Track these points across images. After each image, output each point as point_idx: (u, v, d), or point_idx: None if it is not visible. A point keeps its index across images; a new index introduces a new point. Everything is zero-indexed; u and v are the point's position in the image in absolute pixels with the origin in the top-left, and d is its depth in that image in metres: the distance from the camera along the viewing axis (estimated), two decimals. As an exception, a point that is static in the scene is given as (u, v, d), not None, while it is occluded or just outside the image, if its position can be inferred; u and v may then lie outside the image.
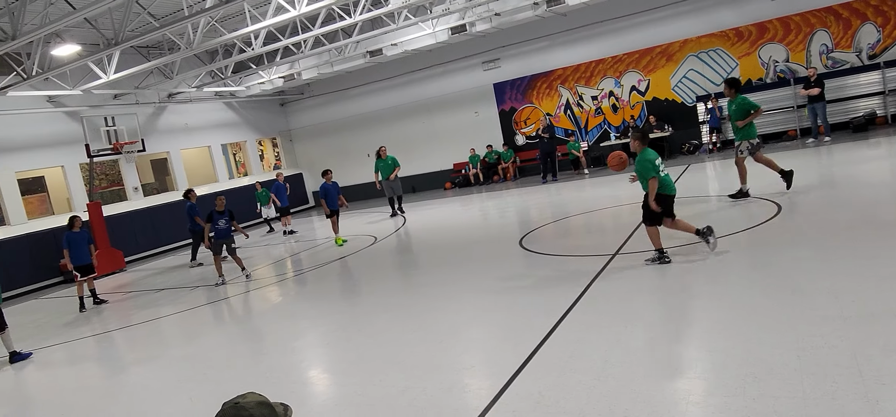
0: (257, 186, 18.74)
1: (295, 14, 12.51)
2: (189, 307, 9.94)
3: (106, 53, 13.17)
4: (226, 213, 11.19)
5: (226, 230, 11.21)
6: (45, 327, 10.46)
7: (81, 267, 11.09)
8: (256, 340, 7.59)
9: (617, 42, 18.39)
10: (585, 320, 5.69)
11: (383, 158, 16.34)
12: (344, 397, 5.10)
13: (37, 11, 11.88)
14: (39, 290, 15.12)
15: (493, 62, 20.30)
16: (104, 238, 15.95)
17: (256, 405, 1.76)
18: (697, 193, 11.80)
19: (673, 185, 7.22)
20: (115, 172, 19.99)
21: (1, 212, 15.92)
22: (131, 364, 7.45)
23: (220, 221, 11.14)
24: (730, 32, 16.89)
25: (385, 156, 16.36)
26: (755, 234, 7.72)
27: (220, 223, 11.13)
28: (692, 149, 17.52)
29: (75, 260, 11.03)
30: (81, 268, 11.09)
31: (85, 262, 11.14)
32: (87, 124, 16.53)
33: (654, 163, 6.97)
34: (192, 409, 5.42)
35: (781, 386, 3.78)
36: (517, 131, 20.54)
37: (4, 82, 14.33)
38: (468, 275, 8.62)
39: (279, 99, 24.37)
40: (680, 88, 17.88)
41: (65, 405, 6.21)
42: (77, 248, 11.06)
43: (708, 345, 4.67)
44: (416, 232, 13.36)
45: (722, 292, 5.72)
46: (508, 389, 4.51)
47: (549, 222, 11.53)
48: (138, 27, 13.58)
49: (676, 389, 4.11)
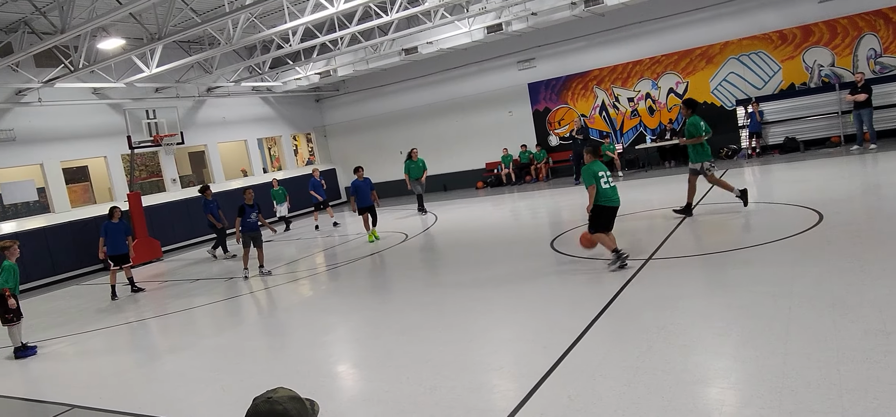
0: (274, 183, 18.56)
1: (332, 11, 12.64)
2: (221, 298, 10.14)
3: (149, 48, 13.52)
4: (255, 207, 11.25)
5: (255, 223, 11.28)
6: (86, 312, 10.78)
7: (116, 257, 11.39)
8: (286, 333, 7.69)
9: (655, 43, 18.10)
10: (617, 325, 5.61)
11: (415, 160, 16.60)
12: (372, 393, 5.13)
13: (84, 6, 12.24)
14: (81, 276, 15.60)
15: (529, 62, 20.18)
16: (143, 227, 16.36)
17: (288, 399, 1.79)
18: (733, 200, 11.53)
19: (617, 199, 7.60)
20: (154, 163, 20.51)
21: (47, 200, 16.48)
22: (166, 352, 7.63)
23: (252, 215, 11.21)
24: (773, 35, 16.46)
25: (416, 159, 16.64)
26: (795, 243, 7.50)
27: (251, 216, 11.20)
28: (730, 153, 17.13)
29: (111, 250, 11.34)
30: (116, 258, 11.39)
31: (120, 252, 11.44)
32: (129, 116, 16.99)
33: (596, 174, 7.48)
34: (223, 398, 5.52)
35: (819, 401, 3.67)
36: (551, 132, 20.39)
37: (52, 74, 14.84)
38: (498, 276, 8.59)
39: (314, 95, 24.65)
40: (719, 91, 17.50)
41: (101, 389, 6.39)
42: (114, 238, 11.36)
43: (743, 355, 4.56)
44: (446, 231, 13.36)
45: (758, 302, 5.57)
46: (537, 392, 4.48)
47: (580, 224, 11.39)
48: (180, 22, 13.89)
49: (709, 398, 4.02)
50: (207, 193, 14.82)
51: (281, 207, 18.32)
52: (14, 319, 8.04)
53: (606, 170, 7.63)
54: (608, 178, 7.58)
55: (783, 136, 16.39)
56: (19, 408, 6.30)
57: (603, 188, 7.49)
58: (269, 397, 1.79)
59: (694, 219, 9.93)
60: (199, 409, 5.33)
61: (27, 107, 15.73)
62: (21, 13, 13.58)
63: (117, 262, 11.43)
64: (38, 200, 16.66)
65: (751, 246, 7.61)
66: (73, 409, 5.83)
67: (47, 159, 16.13)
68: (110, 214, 11.51)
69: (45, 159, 16.10)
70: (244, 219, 11.18)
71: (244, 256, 11.40)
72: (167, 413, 5.34)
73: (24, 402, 6.41)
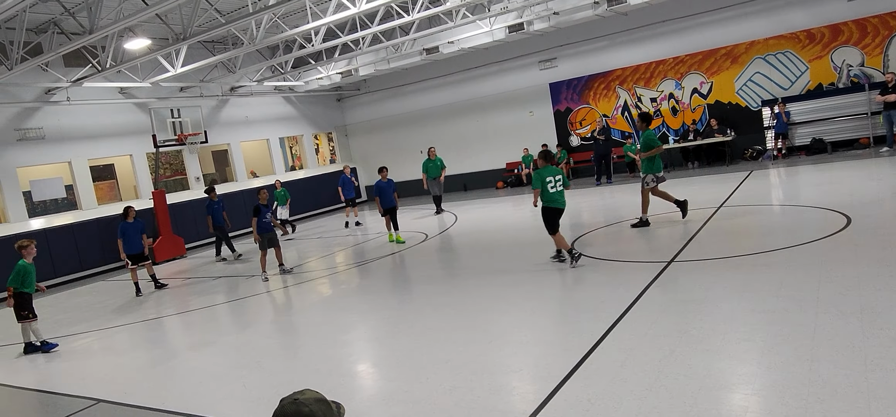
0: (277, 184, 18.10)
1: (354, 11, 12.70)
2: (243, 295, 10.25)
3: (174, 48, 13.72)
4: (270, 207, 11.24)
5: (270, 223, 11.23)
6: (111, 308, 10.97)
7: (133, 256, 11.61)
8: (307, 331, 7.74)
9: (679, 43, 17.88)
10: (638, 329, 5.55)
11: (433, 159, 16.59)
12: (391, 393, 5.14)
13: (112, 7, 12.46)
14: (107, 272, 15.88)
15: (550, 61, 20.08)
16: (167, 224, 16.61)
17: (314, 401, 1.80)
18: (758, 202, 11.35)
19: (562, 202, 8.48)
20: (178, 162, 20.81)
21: (74, 197, 16.81)
22: (188, 349, 7.73)
23: (268, 215, 11.17)
24: (800, 34, 16.16)
25: (434, 157, 16.64)
26: (822, 247, 7.36)
27: (266, 216, 11.14)
28: (755, 154, 16.87)
29: (128, 249, 11.55)
30: (133, 257, 11.61)
31: (137, 251, 11.65)
32: (154, 115, 17.25)
33: (544, 179, 8.40)
34: (245, 394, 5.58)
35: (847, 410, 3.59)
36: (572, 132, 20.26)
37: (80, 73, 15.13)
38: (518, 277, 8.56)
39: (336, 94, 24.80)
40: (745, 92, 17.23)
41: (126, 385, 6.49)
42: (130, 237, 11.58)
43: (767, 362, 4.47)
44: (466, 231, 13.35)
45: (784, 307, 5.47)
46: (556, 394, 4.45)
47: (601, 226, 11.32)
48: (205, 23, 14.06)
49: (733, 404, 3.96)
50: (213, 194, 14.75)
51: (282, 209, 17.81)
52: (28, 316, 8.24)
53: (555, 175, 8.51)
54: (556, 183, 8.48)
55: (810, 138, 16.09)
56: (46, 402, 6.44)
57: (549, 192, 8.43)
58: (296, 399, 1.80)
59: (719, 222, 9.79)
60: (221, 406, 5.39)
61: (56, 107, 16.06)
62: (50, 14, 13.86)
63: (135, 260, 11.63)
64: (67, 197, 17.01)
65: (776, 249, 7.48)
66: (99, 404, 5.94)
67: (75, 157, 16.46)
68: (125, 214, 11.71)
69: (73, 157, 16.42)
70: (259, 220, 11.09)
71: (262, 258, 11.33)
72: (190, 409, 5.41)
73: (51, 396, 6.54)
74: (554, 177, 8.47)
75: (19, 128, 15.43)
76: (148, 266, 11.87)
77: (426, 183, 16.87)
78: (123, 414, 5.62)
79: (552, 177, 8.46)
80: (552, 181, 8.45)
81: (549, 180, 8.43)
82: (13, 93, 15.17)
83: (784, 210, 10.31)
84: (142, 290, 11.69)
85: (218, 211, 14.50)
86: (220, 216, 14.50)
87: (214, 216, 14.48)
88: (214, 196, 14.64)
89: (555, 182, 8.47)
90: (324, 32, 16.51)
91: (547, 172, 8.46)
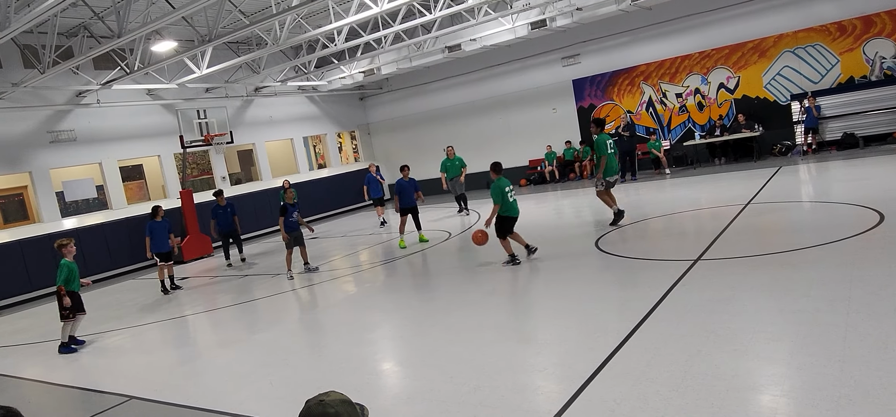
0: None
1: (376, 11, 12.76)
2: (268, 294, 10.37)
3: (200, 49, 13.93)
4: (297, 206, 11.26)
5: (296, 222, 11.24)
6: (141, 306, 11.20)
7: (161, 254, 11.82)
8: (331, 330, 7.81)
9: (705, 37, 17.61)
10: (664, 328, 5.49)
11: (451, 158, 16.37)
12: (416, 391, 5.17)
13: (139, 11, 12.69)
14: (136, 271, 16.21)
15: (573, 58, 19.94)
16: (194, 223, 16.89)
17: (340, 402, 1.82)
18: (787, 198, 11.15)
19: (517, 210, 9.24)
20: (205, 162, 21.13)
21: (105, 197, 17.18)
22: (216, 346, 7.86)
23: (295, 214, 11.21)
24: (831, 26, 15.80)
25: (452, 156, 16.41)
26: (853, 245, 7.20)
27: (293, 215, 11.18)
28: (784, 150, 16.55)
29: (155, 248, 11.76)
30: (161, 255, 11.82)
31: (165, 249, 11.86)
32: (181, 116, 17.54)
33: (503, 191, 9.05)
34: (271, 392, 5.66)
35: (879, 412, 3.52)
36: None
37: (110, 76, 15.45)
38: (542, 275, 8.53)
39: (358, 93, 24.94)
40: (773, 86, 16.92)
41: (156, 382, 6.63)
42: (158, 236, 11.80)
43: (797, 362, 4.40)
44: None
45: (814, 306, 5.37)
46: (581, 394, 4.43)
47: (627, 223, 11.22)
48: (229, 24, 14.26)
49: (761, 406, 3.90)
50: (220, 199, 14.24)
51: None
52: (70, 315, 8.41)
53: (510, 185, 9.26)
54: (511, 192, 9.21)
55: (841, 132, 15.73)
56: (80, 398, 6.60)
57: (508, 202, 9.11)
58: (321, 400, 1.82)
59: (747, 220, 9.64)
60: (248, 403, 5.47)
61: (87, 109, 16.42)
62: (80, 18, 14.19)
63: (162, 259, 11.85)
64: (97, 197, 17.39)
65: (806, 247, 7.34)
66: (131, 400, 6.07)
67: (105, 158, 16.81)
68: (154, 213, 11.93)
69: (104, 158, 16.78)
70: (286, 219, 11.14)
71: (287, 257, 11.44)
72: (218, 407, 5.50)
73: (85, 392, 6.70)
74: (510, 188, 9.25)
75: (52, 131, 15.81)
76: (169, 266, 12.04)
77: (445, 183, 16.70)
78: (154, 411, 5.74)
79: (509, 187, 9.21)
80: (510, 191, 9.20)
81: (508, 190, 9.17)
82: (46, 96, 15.55)
83: (814, 207, 10.12)
84: (168, 289, 11.94)
85: (224, 218, 14.06)
86: (228, 220, 14.06)
87: (220, 221, 14.10)
88: (222, 201, 14.20)
89: (511, 191, 9.26)
90: (346, 32, 16.61)
91: (504, 183, 9.18)
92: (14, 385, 7.51)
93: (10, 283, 13.89)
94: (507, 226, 9.26)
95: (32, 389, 7.28)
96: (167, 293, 11.83)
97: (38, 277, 14.35)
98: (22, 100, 14.98)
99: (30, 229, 15.18)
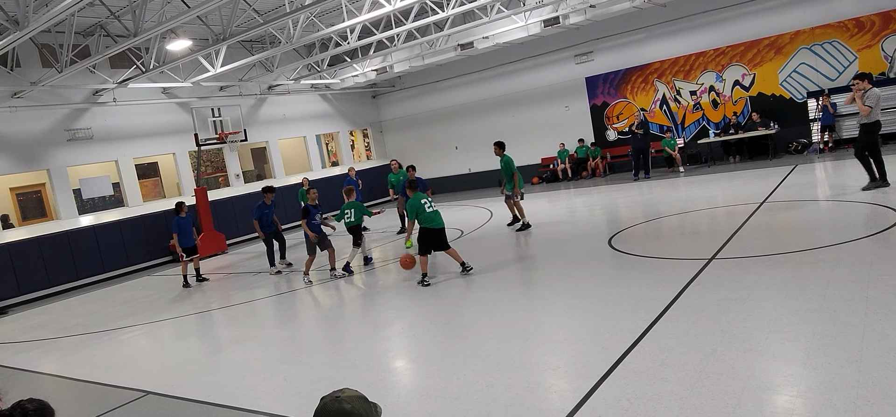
0: (304, 183, 17.15)
1: (389, 9, 12.78)
2: (282, 291, 10.44)
3: (214, 48, 14.04)
4: (319, 208, 10.80)
5: (319, 224, 10.77)
6: (157, 302, 11.32)
7: (187, 249, 12.10)
8: (344, 327, 7.85)
9: (720, 34, 17.47)
10: (678, 328, 5.46)
11: (396, 172, 15.20)
12: (429, 389, 5.18)
13: (155, 10, 12.80)
14: (152, 268, 16.38)
15: (586, 55, 19.85)
16: (208, 221, 17.02)
17: (355, 399, 1.85)
18: (803, 197, 11.04)
19: (440, 220, 8.86)
20: (219, 160, 21.29)
21: (121, 195, 17.36)
22: (231, 343, 7.92)
23: (317, 216, 10.78)
24: (848, 23, 15.60)
25: (397, 171, 15.24)
26: (871, 244, 7.12)
27: (316, 217, 10.75)
28: (800, 148, 16.38)
29: (182, 243, 12.01)
30: (187, 250, 12.10)
31: (190, 244, 12.16)
32: (196, 115, 17.68)
33: (422, 205, 8.78)
34: (286, 388, 5.70)
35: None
36: (609, 126, 20.00)
37: (126, 75, 15.61)
38: (554, 273, 8.51)
39: (371, 91, 25.00)
40: (789, 83, 16.75)
41: (172, 377, 6.71)
42: (184, 232, 12.03)
43: (814, 362, 4.36)
44: (501, 228, 13.31)
45: (831, 306, 5.32)
46: (595, 393, 4.42)
47: (640, 222, 11.16)
48: (243, 23, 14.35)
49: (777, 406, 3.87)
50: (268, 196, 12.49)
51: None
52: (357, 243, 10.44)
53: (427, 197, 8.99)
54: (430, 203, 8.89)
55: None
56: (96, 392, 6.68)
57: (427, 212, 8.77)
58: (337, 396, 1.85)
59: (762, 218, 9.56)
60: (263, 400, 5.51)
61: (103, 107, 16.60)
62: (97, 17, 14.34)
63: (188, 253, 12.10)
64: (113, 195, 17.58)
65: (823, 246, 7.26)
66: (148, 395, 6.14)
67: (121, 156, 16.99)
68: (178, 209, 12.12)
69: (120, 156, 16.96)
70: (309, 221, 10.61)
71: (309, 261, 10.74)
72: (234, 402, 5.55)
73: (102, 387, 6.79)
74: (427, 200, 8.92)
75: (69, 129, 16.00)
76: (195, 260, 12.35)
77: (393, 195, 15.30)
78: (170, 406, 5.81)
79: (425, 200, 8.88)
80: (427, 202, 8.86)
81: (424, 202, 8.84)
82: (63, 95, 15.74)
83: (830, 205, 10.01)
84: (189, 283, 12.18)
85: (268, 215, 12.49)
86: (269, 219, 12.50)
87: (266, 220, 12.44)
88: (269, 198, 12.50)
89: (429, 203, 8.90)
90: (359, 30, 16.65)
91: (419, 197, 8.92)
92: (32, 379, 7.63)
93: (28, 280, 14.10)
94: (429, 239, 8.77)
95: (49, 383, 7.39)
96: (188, 287, 12.07)
97: (56, 274, 14.56)
98: (40, 99, 15.18)
99: (47, 226, 15.39)
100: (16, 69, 14.52)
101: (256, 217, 12.34)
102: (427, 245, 8.82)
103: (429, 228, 8.77)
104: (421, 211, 8.78)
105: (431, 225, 8.77)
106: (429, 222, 8.77)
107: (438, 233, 8.84)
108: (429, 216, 8.78)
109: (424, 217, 8.77)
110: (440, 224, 8.84)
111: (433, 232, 8.79)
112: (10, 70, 14.30)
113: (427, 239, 8.80)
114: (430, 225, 8.77)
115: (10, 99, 14.62)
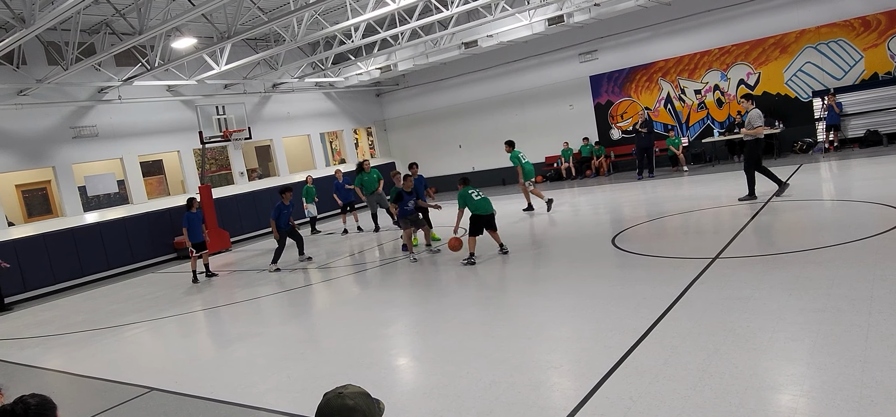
0: (308, 180, 17.20)
1: (393, 7, 12.79)
2: (286, 288, 10.46)
3: (219, 46, 14.08)
4: (414, 194, 10.94)
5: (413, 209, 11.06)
6: (161, 299, 11.36)
7: (196, 245, 12.24)
8: (347, 325, 7.86)
9: (725, 33, 17.41)
10: (681, 327, 5.46)
11: (368, 172, 14.88)
12: (432, 387, 5.18)
13: (160, 8, 12.85)
14: (157, 265, 16.43)
15: (591, 54, 19.82)
16: (213, 218, 17.06)
17: (358, 395, 1.85)
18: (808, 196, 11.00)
19: (490, 206, 9.75)
20: (223, 157, 21.34)
21: (126, 192, 17.43)
22: (235, 340, 7.95)
23: (410, 202, 10.98)
24: (855, 22, 15.54)
25: (368, 170, 14.92)
26: (876, 243, 7.09)
27: (409, 204, 10.97)
28: (805, 147, 16.33)
29: (192, 238, 12.18)
30: (197, 245, 12.24)
31: (199, 240, 12.30)
32: (200, 112, 17.72)
33: (469, 196, 9.70)
34: (289, 384, 5.71)
35: (903, 413, 3.46)
36: (613, 125, 19.97)
37: (131, 72, 15.67)
38: (558, 272, 8.51)
39: (375, 89, 25.02)
40: (794, 82, 16.69)
41: (176, 374, 6.73)
42: (194, 227, 12.19)
43: (817, 362, 4.35)
44: (505, 226, 13.30)
45: (835, 306, 5.30)
46: (598, 391, 4.42)
47: (643, 221, 11.15)
48: (248, 21, 14.38)
49: (780, 405, 3.86)
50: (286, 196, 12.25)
51: (310, 207, 17.06)
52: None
53: (475, 188, 9.88)
54: (478, 192, 9.80)
55: (864, 129, 15.48)
56: (101, 388, 6.71)
57: (476, 200, 9.68)
58: (340, 392, 1.85)
59: (766, 217, 9.53)
60: (267, 396, 5.53)
61: (108, 105, 16.66)
62: (103, 15, 14.39)
63: (198, 249, 12.25)
64: (118, 192, 17.65)
65: (827, 246, 7.24)
66: (152, 392, 6.17)
67: (126, 153, 17.06)
68: (189, 205, 12.25)
69: (125, 153, 17.02)
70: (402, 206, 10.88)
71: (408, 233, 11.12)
72: (237, 399, 5.57)
73: (107, 383, 6.82)
74: (475, 190, 9.82)
75: (75, 126, 16.07)
76: (205, 255, 12.46)
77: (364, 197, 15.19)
78: (174, 403, 5.82)
79: (473, 190, 9.80)
80: (475, 192, 9.77)
81: (472, 192, 9.75)
82: (68, 92, 15.80)
83: (836, 205, 9.97)
84: (198, 279, 12.30)
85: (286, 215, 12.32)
86: (286, 219, 12.33)
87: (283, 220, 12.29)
88: (287, 199, 12.24)
89: (477, 192, 9.80)
90: (363, 28, 16.66)
91: (468, 189, 9.82)
92: (37, 375, 7.66)
93: (33, 276, 14.17)
94: (479, 224, 9.73)
95: (54, 379, 7.43)
96: (197, 282, 12.19)
97: (61, 270, 14.62)
98: (46, 97, 15.24)
99: (53, 223, 15.47)
100: (22, 67, 14.59)
101: (275, 217, 12.27)
102: (479, 227, 9.74)
103: (480, 215, 9.67)
104: (469, 201, 9.73)
105: (483, 211, 9.68)
106: (480, 209, 9.68)
107: (490, 218, 9.75)
108: (478, 204, 9.68)
109: (474, 205, 9.68)
110: (491, 209, 9.74)
111: (484, 218, 9.72)
112: (17, 67, 14.37)
113: (479, 223, 9.74)
114: (480, 212, 9.68)
115: (17, 96, 14.70)
